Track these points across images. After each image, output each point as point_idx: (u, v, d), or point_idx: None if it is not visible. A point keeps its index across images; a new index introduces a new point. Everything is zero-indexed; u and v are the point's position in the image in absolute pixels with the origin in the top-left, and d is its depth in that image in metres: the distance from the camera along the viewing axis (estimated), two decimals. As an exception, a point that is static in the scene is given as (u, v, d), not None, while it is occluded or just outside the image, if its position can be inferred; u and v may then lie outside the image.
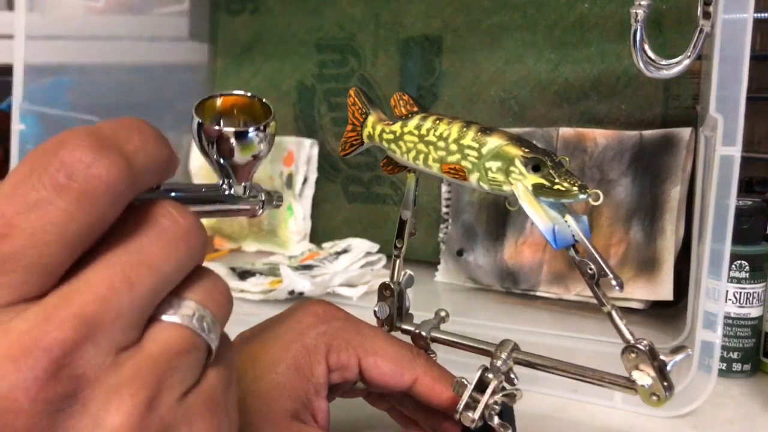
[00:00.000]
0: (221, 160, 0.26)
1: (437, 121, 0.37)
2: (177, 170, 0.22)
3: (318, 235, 0.89)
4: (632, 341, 0.32)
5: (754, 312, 0.52)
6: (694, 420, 0.44)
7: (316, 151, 0.89)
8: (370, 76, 0.84)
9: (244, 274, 0.73)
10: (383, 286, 0.42)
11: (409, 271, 0.43)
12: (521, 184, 0.32)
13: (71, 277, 0.19)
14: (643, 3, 0.43)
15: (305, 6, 0.88)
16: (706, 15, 0.42)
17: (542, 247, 0.68)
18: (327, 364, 0.35)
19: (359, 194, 0.87)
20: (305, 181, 0.89)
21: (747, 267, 0.51)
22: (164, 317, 0.20)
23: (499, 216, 0.72)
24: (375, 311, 0.42)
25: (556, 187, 0.32)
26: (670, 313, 0.61)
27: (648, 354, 0.32)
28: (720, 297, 0.43)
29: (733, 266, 0.51)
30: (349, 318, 0.38)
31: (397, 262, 0.42)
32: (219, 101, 0.27)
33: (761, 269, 0.51)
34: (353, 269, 0.75)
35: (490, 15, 0.74)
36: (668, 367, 0.32)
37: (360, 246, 0.80)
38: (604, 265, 0.33)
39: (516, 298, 0.69)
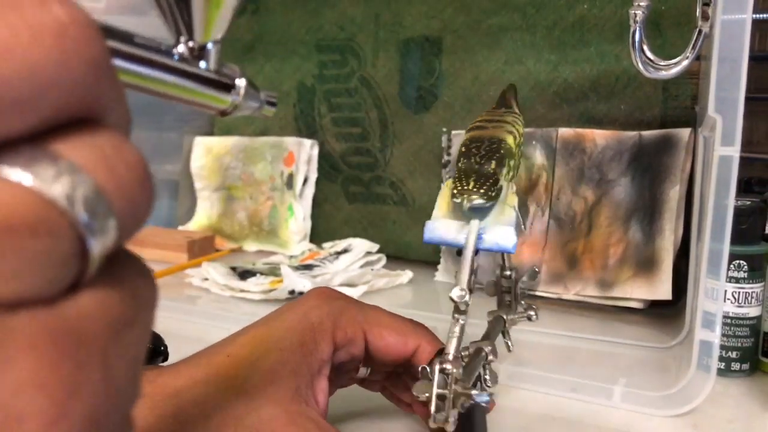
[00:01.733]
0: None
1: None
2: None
3: (318, 235, 0.89)
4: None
5: (753, 311, 0.52)
6: (693, 419, 0.45)
7: (316, 151, 0.89)
8: (370, 77, 0.84)
9: (244, 274, 0.73)
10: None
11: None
12: None
13: None
14: (642, 4, 0.43)
15: (305, 6, 0.89)
16: (705, 16, 0.42)
17: (542, 247, 0.68)
18: (334, 341, 0.37)
19: (359, 194, 0.87)
20: (305, 181, 0.89)
21: (746, 267, 0.51)
22: (5, 169, 0.11)
23: (499, 216, 0.72)
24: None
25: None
26: (669, 312, 0.62)
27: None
28: (719, 297, 0.43)
29: (732, 266, 0.51)
30: (349, 298, 0.40)
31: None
32: None
33: (760, 269, 0.51)
34: (353, 269, 0.75)
35: (490, 15, 0.74)
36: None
37: (360, 246, 0.80)
38: (463, 281, 0.34)
39: (516, 297, 0.69)
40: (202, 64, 0.18)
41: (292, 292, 0.67)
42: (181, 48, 0.18)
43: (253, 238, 0.93)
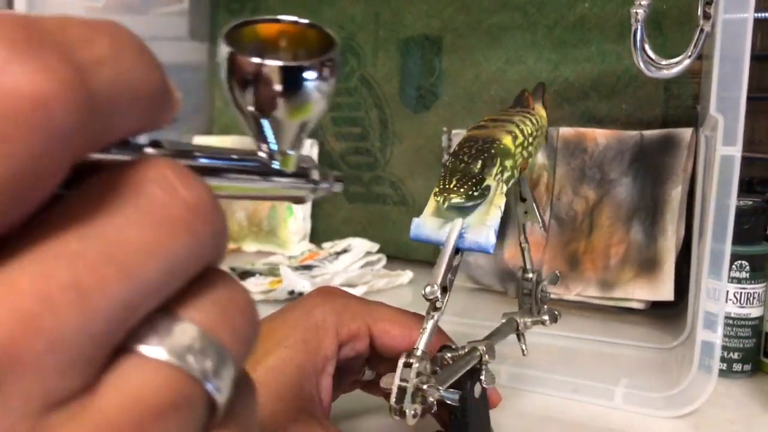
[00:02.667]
0: (260, 113, 0.17)
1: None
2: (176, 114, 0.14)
3: (318, 235, 0.89)
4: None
5: (755, 312, 0.52)
6: (694, 420, 0.44)
7: (316, 151, 0.89)
8: (370, 76, 0.84)
9: (243, 275, 0.73)
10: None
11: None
12: None
13: None
14: (643, 3, 0.43)
15: (305, 6, 0.88)
16: (707, 15, 0.42)
17: (542, 247, 0.68)
18: (338, 338, 0.37)
19: (359, 194, 0.87)
20: (305, 181, 0.89)
21: (747, 267, 0.51)
22: (142, 348, 0.12)
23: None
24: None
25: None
26: (670, 313, 0.61)
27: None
28: (720, 297, 0.43)
29: (734, 266, 0.51)
30: (352, 295, 0.40)
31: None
32: (261, 28, 0.19)
33: (762, 269, 0.51)
34: (353, 269, 0.75)
35: (490, 15, 0.74)
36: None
37: (360, 246, 0.80)
38: (437, 278, 0.34)
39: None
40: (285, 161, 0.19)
41: (291, 292, 0.67)
42: (262, 153, 0.18)
43: (253, 238, 0.92)
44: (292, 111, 0.17)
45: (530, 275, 0.43)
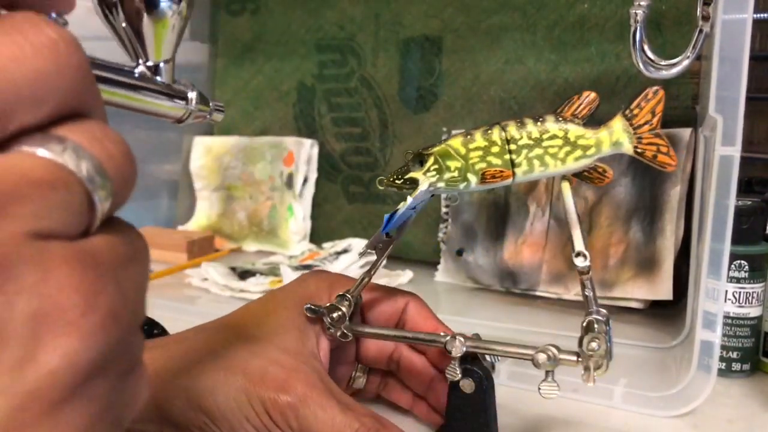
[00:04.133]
0: (130, 27, 0.21)
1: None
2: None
3: (318, 235, 0.89)
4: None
5: (754, 312, 0.52)
6: (693, 419, 0.45)
7: (316, 151, 0.89)
8: (370, 76, 0.84)
9: (244, 274, 0.73)
10: None
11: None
12: None
13: None
14: (642, 3, 0.43)
15: (305, 6, 0.88)
16: (706, 15, 0.42)
17: (542, 246, 0.68)
18: (330, 301, 0.41)
19: (359, 194, 0.87)
20: (305, 181, 0.89)
21: (746, 267, 0.51)
22: (21, 148, 0.15)
23: (499, 216, 0.72)
24: None
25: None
26: (669, 312, 0.61)
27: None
28: (719, 297, 0.43)
29: (733, 266, 0.51)
30: (341, 273, 0.46)
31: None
32: None
33: (761, 269, 0.51)
34: (353, 269, 0.75)
35: (490, 15, 0.74)
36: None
37: (360, 246, 0.80)
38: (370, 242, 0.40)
39: (516, 297, 0.69)
40: (158, 79, 0.23)
41: (291, 292, 0.67)
42: (140, 68, 0.22)
43: (253, 238, 0.93)
44: (156, 21, 0.21)
45: (575, 257, 0.39)
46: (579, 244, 0.36)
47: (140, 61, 0.23)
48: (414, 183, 0.38)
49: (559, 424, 0.45)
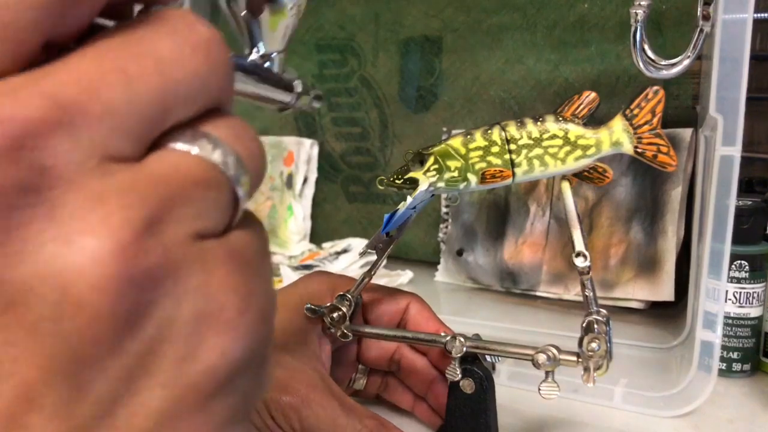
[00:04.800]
0: (251, 15, 0.22)
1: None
2: None
3: (318, 235, 0.89)
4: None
5: (754, 312, 0.52)
6: (694, 420, 0.44)
7: (316, 151, 0.89)
8: (370, 76, 0.84)
9: (244, 274, 0.73)
10: None
11: None
12: None
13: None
14: (642, 3, 0.43)
15: (305, 6, 0.88)
16: (706, 15, 0.42)
17: (542, 247, 0.68)
18: (332, 301, 0.41)
19: (359, 194, 0.87)
20: (305, 181, 0.89)
21: (747, 267, 0.51)
22: (176, 146, 0.15)
23: (499, 216, 0.72)
24: None
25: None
26: (670, 312, 0.61)
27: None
28: (720, 297, 0.43)
29: (733, 266, 0.51)
30: (342, 274, 0.46)
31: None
32: None
33: (761, 269, 0.51)
34: (353, 269, 0.75)
35: (490, 15, 0.74)
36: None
37: (360, 246, 0.80)
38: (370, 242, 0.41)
39: (516, 298, 0.69)
40: (270, 67, 0.23)
41: (291, 292, 0.67)
42: (254, 56, 0.23)
43: (253, 238, 0.92)
44: (274, 12, 0.22)
45: (575, 257, 0.38)
46: (579, 245, 0.36)
47: (255, 50, 0.23)
48: (414, 183, 0.38)
49: (560, 424, 0.45)
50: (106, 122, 0.14)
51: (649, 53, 0.43)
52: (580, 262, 0.36)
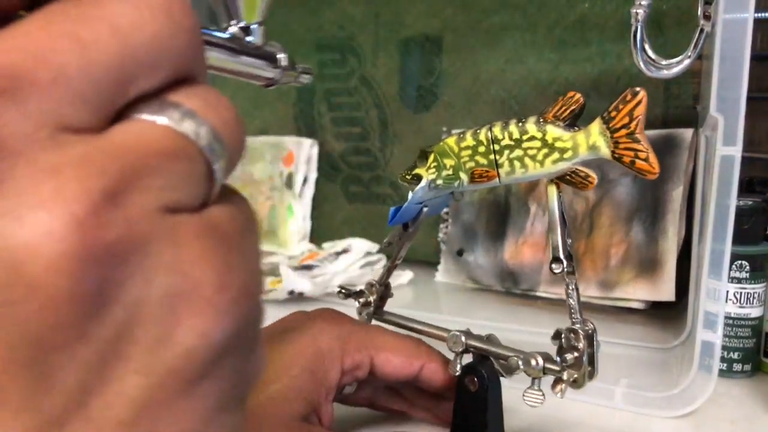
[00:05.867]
0: None
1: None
2: None
3: (318, 235, 0.89)
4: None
5: (755, 312, 0.52)
6: (694, 420, 0.44)
7: (316, 151, 0.89)
8: (370, 76, 0.84)
9: (244, 274, 0.73)
10: None
11: None
12: None
13: None
14: (643, 3, 0.43)
15: (305, 5, 0.88)
16: (707, 15, 0.42)
17: (543, 247, 0.68)
18: (342, 367, 0.38)
19: (359, 194, 0.87)
20: (305, 181, 0.89)
21: (747, 267, 0.51)
22: (142, 115, 0.14)
23: (499, 216, 0.72)
24: None
25: None
26: (670, 313, 0.61)
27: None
28: (720, 297, 0.43)
29: (734, 266, 0.51)
30: (355, 320, 0.41)
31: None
32: None
33: (762, 269, 0.51)
34: (353, 269, 0.75)
35: (490, 15, 0.74)
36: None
37: (360, 246, 0.80)
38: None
39: (516, 298, 0.69)
40: (249, 39, 0.22)
41: (291, 292, 0.67)
42: (233, 29, 0.21)
43: (253, 238, 0.92)
44: None
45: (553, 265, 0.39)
46: (557, 250, 0.36)
47: (233, 22, 0.22)
48: (419, 179, 0.39)
49: (560, 424, 0.44)
50: (57, 90, 0.13)
51: (650, 53, 0.43)
52: (556, 268, 0.36)
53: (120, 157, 0.13)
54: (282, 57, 0.24)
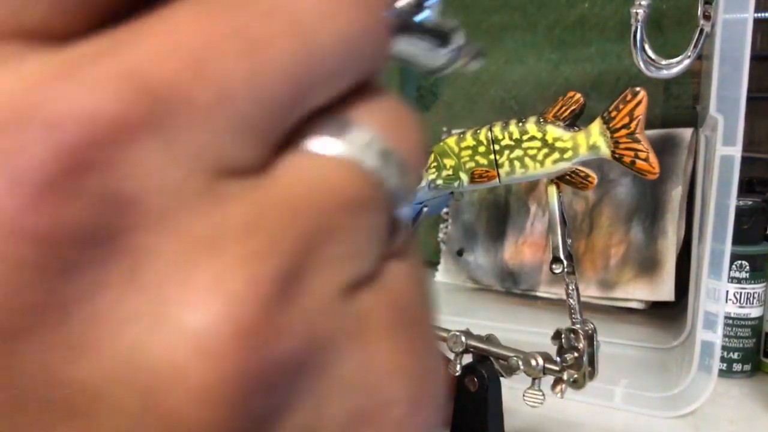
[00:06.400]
0: None
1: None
2: None
3: (318, 235, 0.89)
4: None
5: (755, 312, 0.52)
6: (694, 420, 0.44)
7: (316, 151, 0.89)
8: (370, 76, 0.84)
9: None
10: None
11: None
12: None
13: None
14: (643, 3, 0.43)
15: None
16: (707, 15, 0.42)
17: (542, 247, 0.68)
18: None
19: (359, 194, 0.87)
20: (305, 181, 0.89)
21: (747, 267, 0.51)
22: (315, 144, 0.10)
23: (499, 216, 0.72)
24: None
25: None
26: (670, 313, 0.61)
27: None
28: (720, 297, 0.43)
29: (734, 266, 0.51)
30: None
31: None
32: None
33: (761, 269, 0.51)
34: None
35: (491, 14, 0.74)
36: None
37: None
38: None
39: (516, 298, 0.69)
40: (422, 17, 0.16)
41: (291, 292, 0.67)
42: (401, 3, 0.16)
43: (253, 238, 0.92)
44: None
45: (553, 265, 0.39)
46: (557, 250, 0.36)
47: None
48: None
49: (560, 424, 0.45)
50: (217, 116, 0.09)
51: (650, 53, 0.43)
52: (556, 268, 0.36)
53: (295, 218, 0.09)
54: (458, 36, 0.17)
